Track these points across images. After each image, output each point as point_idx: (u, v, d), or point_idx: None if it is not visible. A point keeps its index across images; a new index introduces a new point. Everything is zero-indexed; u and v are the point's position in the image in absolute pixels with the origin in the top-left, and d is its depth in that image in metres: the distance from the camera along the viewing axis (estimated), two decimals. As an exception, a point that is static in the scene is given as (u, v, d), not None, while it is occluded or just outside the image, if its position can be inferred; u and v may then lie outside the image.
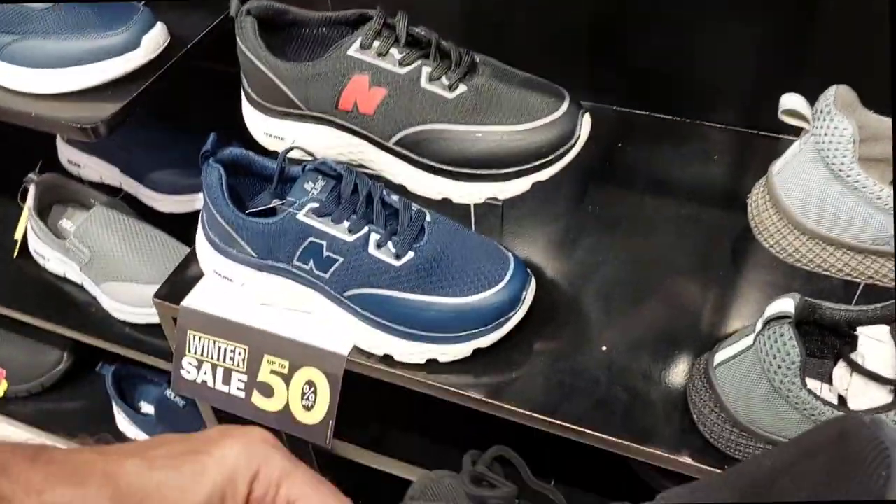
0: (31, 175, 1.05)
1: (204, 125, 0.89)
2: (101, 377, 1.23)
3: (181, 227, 1.01)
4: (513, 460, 0.43)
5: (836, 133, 0.61)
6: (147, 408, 1.25)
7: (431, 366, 0.71)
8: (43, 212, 1.07)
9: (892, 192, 0.61)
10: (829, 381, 0.64)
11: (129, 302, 0.99)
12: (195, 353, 0.76)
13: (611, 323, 0.74)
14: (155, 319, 1.00)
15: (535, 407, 0.68)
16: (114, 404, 1.24)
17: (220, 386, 0.76)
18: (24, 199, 1.06)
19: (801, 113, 0.63)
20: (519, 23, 0.94)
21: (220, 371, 0.75)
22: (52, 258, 1.05)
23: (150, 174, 1.04)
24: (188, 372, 0.77)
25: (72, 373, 1.31)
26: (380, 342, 0.70)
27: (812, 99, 0.64)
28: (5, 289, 1.07)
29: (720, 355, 0.63)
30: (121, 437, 1.26)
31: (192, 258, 0.79)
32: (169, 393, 1.18)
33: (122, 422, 1.25)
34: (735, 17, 0.85)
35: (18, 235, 1.07)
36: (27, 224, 1.06)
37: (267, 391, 0.74)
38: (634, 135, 0.92)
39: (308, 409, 0.74)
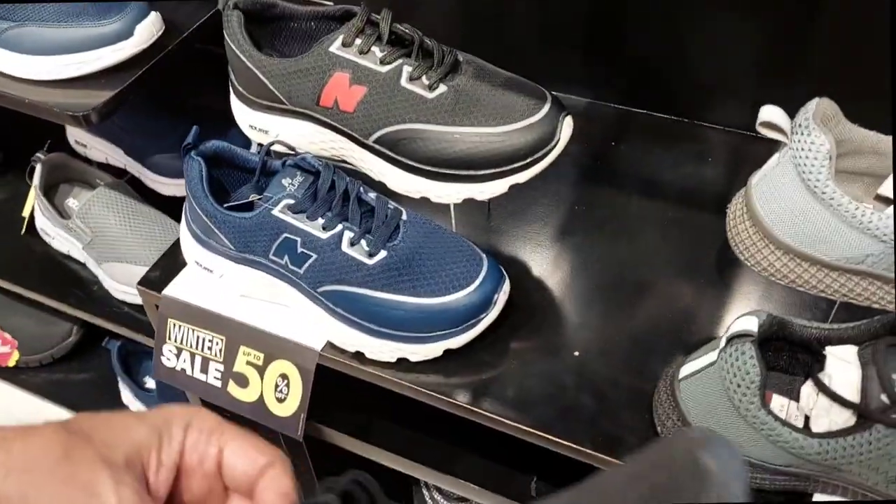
0: (38, 154, 1.07)
1: (206, 111, 0.91)
2: (108, 351, 1.26)
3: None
4: (369, 486, 0.43)
5: (813, 148, 0.60)
6: (151, 383, 1.28)
7: (402, 364, 0.71)
8: (49, 191, 1.09)
9: (868, 210, 0.59)
10: (798, 398, 0.63)
11: (128, 283, 1.01)
12: (175, 340, 0.77)
13: (585, 327, 0.73)
14: (152, 301, 1.01)
15: (502, 411, 0.68)
16: (119, 379, 1.27)
17: (198, 374, 0.77)
18: (31, 177, 1.08)
19: (778, 126, 0.62)
20: (519, 13, 0.93)
21: (198, 360, 0.77)
22: (56, 236, 1.07)
23: (153, 157, 1.06)
24: (168, 359, 0.78)
25: (81, 345, 1.34)
26: (351, 339, 0.71)
27: (804, 103, 0.62)
28: (13, 265, 1.10)
29: (685, 369, 0.63)
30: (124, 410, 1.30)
31: (177, 247, 0.80)
32: (171, 371, 1.21)
33: (127, 396, 1.28)
34: (737, 16, 0.83)
35: (26, 213, 1.10)
36: (34, 202, 1.08)
37: (242, 381, 0.76)
38: (630, 133, 0.91)
39: (281, 401, 0.75)
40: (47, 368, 1.33)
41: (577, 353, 0.71)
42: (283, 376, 0.74)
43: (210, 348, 0.76)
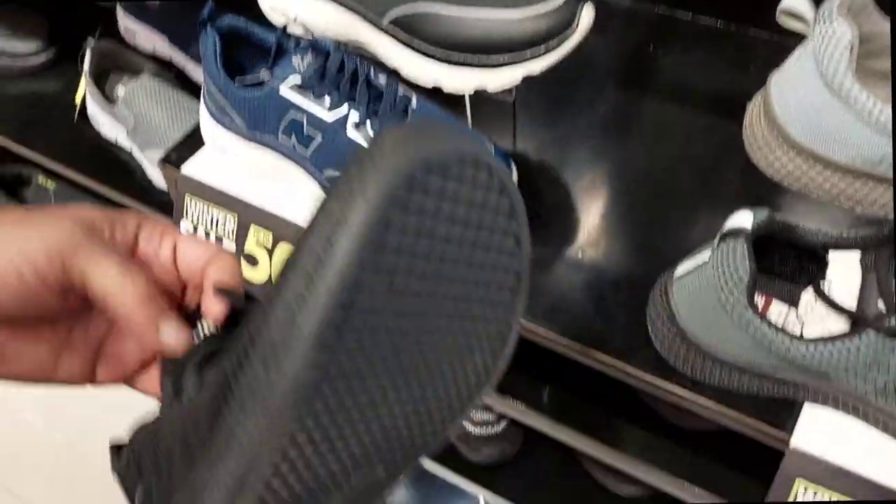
0: (89, 39, 1.09)
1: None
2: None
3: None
4: None
5: (834, 38, 0.56)
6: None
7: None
8: (100, 77, 1.11)
9: (887, 109, 0.55)
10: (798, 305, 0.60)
11: (168, 170, 1.04)
12: (192, 218, 0.79)
13: (593, 229, 0.72)
14: (189, 189, 1.03)
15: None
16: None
17: (210, 251, 0.79)
18: (83, 63, 1.11)
19: (801, 14, 0.58)
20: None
21: (212, 238, 0.78)
22: (105, 123, 1.10)
23: (195, 47, 1.06)
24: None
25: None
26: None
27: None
28: (65, 149, 1.14)
29: (681, 268, 0.61)
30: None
31: (198, 128, 0.81)
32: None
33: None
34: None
35: (78, 99, 1.13)
36: (85, 88, 1.11)
37: (252, 261, 0.77)
38: (671, 39, 0.87)
39: (288, 281, 0.76)
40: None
41: (579, 255, 0.70)
42: (289, 257, 0.75)
43: (223, 227, 0.77)
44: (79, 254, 0.38)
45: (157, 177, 1.06)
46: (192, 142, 0.82)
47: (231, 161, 0.76)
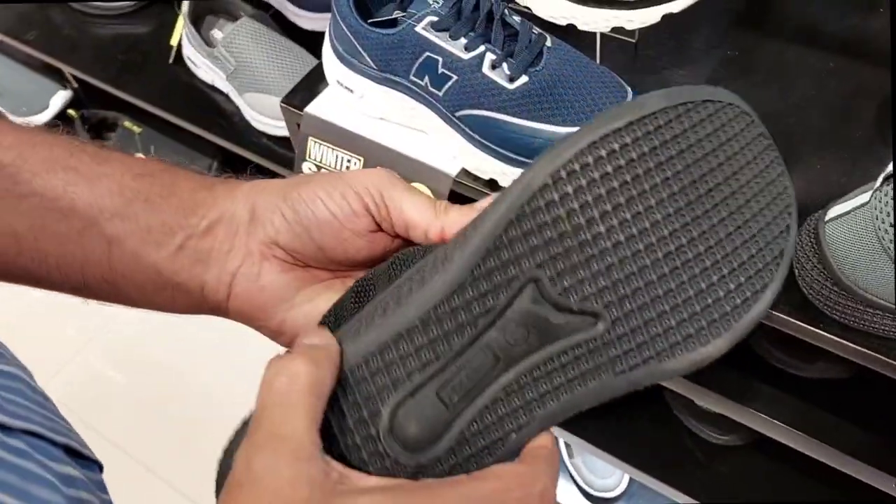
0: (186, -18, 1.09)
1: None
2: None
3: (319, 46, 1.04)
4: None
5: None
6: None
7: (537, 195, 0.71)
8: (197, 20, 1.12)
9: None
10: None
11: (268, 113, 1.04)
12: (315, 159, 0.79)
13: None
14: (289, 132, 1.04)
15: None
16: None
17: (334, 193, 0.79)
18: (180, 5, 1.11)
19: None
20: None
21: (335, 179, 0.79)
22: (202, 66, 1.11)
23: (295, -10, 1.06)
24: (307, 177, 0.80)
25: (220, 181, 1.40)
26: (487, 166, 0.71)
27: None
28: (161, 92, 1.15)
29: (833, 210, 0.60)
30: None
31: (319, 70, 0.81)
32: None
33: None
34: None
35: (174, 42, 1.13)
36: (182, 31, 1.12)
37: (377, 203, 0.77)
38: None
39: (413, 223, 0.76)
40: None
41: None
42: (416, 199, 0.75)
43: (348, 167, 0.78)
44: (395, 187, 0.45)
45: (256, 120, 1.07)
46: (311, 84, 0.82)
47: (357, 102, 0.76)
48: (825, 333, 0.61)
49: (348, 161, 0.78)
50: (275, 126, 1.04)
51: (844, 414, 0.82)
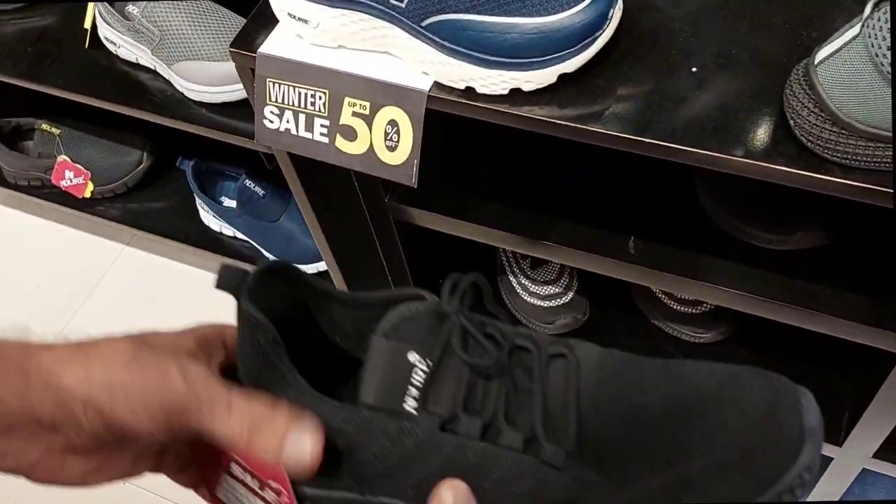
0: (93, -42, 1.03)
1: None
2: (182, 174, 1.26)
3: (245, 8, 1.00)
4: (482, 286, 0.45)
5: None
6: (229, 202, 1.28)
7: (515, 96, 0.69)
8: (107, -3, 1.06)
9: None
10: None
11: (203, 81, 1.00)
12: (276, 100, 0.76)
13: (701, 45, 0.70)
14: (229, 97, 1.00)
15: (624, 129, 0.67)
16: (196, 198, 1.27)
17: (303, 133, 0.76)
18: (89, -15, 1.05)
19: None
20: None
21: (301, 117, 0.75)
22: (122, 44, 1.05)
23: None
24: (270, 122, 0.77)
25: (153, 172, 1.35)
26: (461, 73, 0.69)
27: None
28: (82, 79, 1.08)
29: (822, 52, 0.60)
30: (205, 231, 1.30)
31: (265, 7, 0.77)
32: (249, 182, 1.20)
33: (206, 216, 1.29)
34: None
35: (87, 24, 1.07)
36: (94, 11, 1.06)
37: (350, 134, 0.74)
38: None
39: (392, 149, 0.74)
40: (124, 198, 1.34)
41: (694, 69, 0.69)
42: (392, 123, 0.73)
43: (313, 104, 0.75)
44: (197, 411, 0.40)
45: (190, 90, 1.02)
46: (258, 26, 0.78)
47: (311, 34, 0.73)
48: (827, 177, 0.62)
49: (312, 96, 0.74)
50: (212, 93, 1.00)
51: (834, 281, 0.83)
